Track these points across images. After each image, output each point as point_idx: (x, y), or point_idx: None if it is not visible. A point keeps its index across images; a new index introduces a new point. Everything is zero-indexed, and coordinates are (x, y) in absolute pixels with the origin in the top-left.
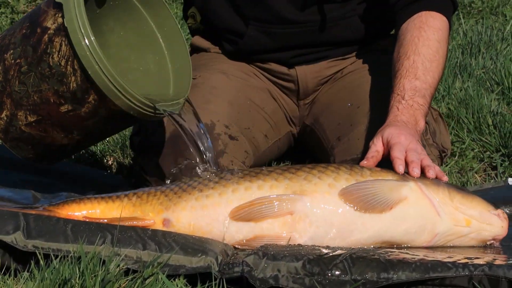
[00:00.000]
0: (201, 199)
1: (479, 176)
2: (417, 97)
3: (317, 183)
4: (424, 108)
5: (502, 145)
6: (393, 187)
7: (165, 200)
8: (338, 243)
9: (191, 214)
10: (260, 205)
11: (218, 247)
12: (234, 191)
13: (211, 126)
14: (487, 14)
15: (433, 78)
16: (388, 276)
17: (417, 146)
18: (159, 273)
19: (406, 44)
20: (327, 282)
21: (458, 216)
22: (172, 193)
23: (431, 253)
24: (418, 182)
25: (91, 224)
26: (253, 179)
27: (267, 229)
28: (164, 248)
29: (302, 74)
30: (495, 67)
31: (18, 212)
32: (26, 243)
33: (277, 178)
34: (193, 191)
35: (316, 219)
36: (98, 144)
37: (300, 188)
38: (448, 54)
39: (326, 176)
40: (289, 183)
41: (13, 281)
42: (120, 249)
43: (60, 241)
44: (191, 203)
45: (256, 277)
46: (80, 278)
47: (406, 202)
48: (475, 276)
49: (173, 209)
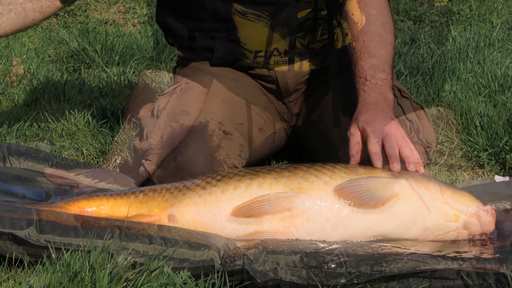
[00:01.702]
0: (204, 195)
1: (467, 174)
2: (378, 73)
3: (314, 181)
4: (387, 82)
5: (489, 145)
6: (385, 184)
7: (170, 197)
8: (334, 237)
9: (194, 210)
10: (260, 203)
11: (220, 241)
12: (236, 188)
13: (205, 124)
14: (475, 21)
15: (386, 49)
16: (381, 269)
17: (392, 128)
18: (165, 266)
19: (351, 27)
20: (323, 275)
21: (447, 211)
22: (176, 191)
23: (422, 247)
24: (409, 179)
25: (101, 220)
26: (253, 177)
27: (266, 225)
28: (169, 243)
29: (281, 76)
30: (482, 71)
31: (31, 208)
32: (38, 238)
33: (276, 177)
34: (197, 188)
35: (312, 214)
36: (107, 143)
37: (298, 186)
38: (438, 58)
39: (323, 174)
40: (288, 181)
41: (27, 273)
42: (128, 244)
43: (70, 235)
44: (195, 199)
45: (256, 269)
46: (89, 271)
47: (398, 198)
48: (464, 269)
49: (177, 206)
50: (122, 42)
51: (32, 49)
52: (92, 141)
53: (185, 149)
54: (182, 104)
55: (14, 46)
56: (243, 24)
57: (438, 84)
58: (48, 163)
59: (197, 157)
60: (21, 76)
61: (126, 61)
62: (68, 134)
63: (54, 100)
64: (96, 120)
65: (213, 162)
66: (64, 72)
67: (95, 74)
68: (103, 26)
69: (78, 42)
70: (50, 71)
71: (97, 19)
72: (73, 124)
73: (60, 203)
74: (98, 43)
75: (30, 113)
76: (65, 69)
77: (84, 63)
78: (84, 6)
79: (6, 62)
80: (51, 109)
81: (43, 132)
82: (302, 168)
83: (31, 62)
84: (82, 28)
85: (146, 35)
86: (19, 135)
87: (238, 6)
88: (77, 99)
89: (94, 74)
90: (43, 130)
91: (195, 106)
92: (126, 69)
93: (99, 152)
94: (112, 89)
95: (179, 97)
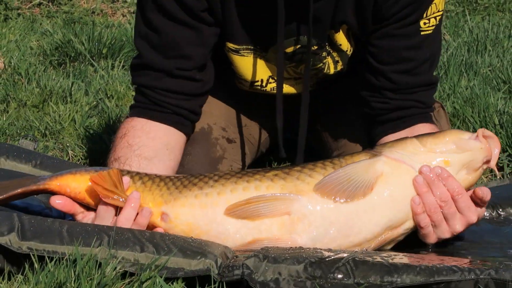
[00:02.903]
0: (200, 196)
1: (485, 177)
2: None
3: (310, 182)
4: None
5: (509, 145)
6: (367, 167)
7: (166, 193)
8: (340, 242)
9: (189, 212)
10: (257, 203)
11: (217, 249)
12: (233, 191)
13: (208, 131)
14: (494, 10)
15: None
16: (392, 280)
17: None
18: (157, 276)
19: None
20: (329, 286)
21: (435, 159)
22: (174, 187)
23: (437, 255)
24: (385, 151)
25: (88, 225)
26: (250, 179)
27: (265, 231)
28: (162, 251)
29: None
30: (502, 65)
31: (12, 213)
32: (20, 245)
33: (273, 179)
34: (193, 188)
35: (314, 218)
36: (94, 143)
37: (296, 188)
38: (454, 51)
39: (316, 173)
40: (284, 183)
41: (7, 284)
42: (117, 251)
43: (55, 242)
44: (191, 200)
45: (256, 280)
46: (75, 282)
47: (384, 176)
48: (481, 280)
49: (172, 204)
50: (110, 33)
51: (13, 41)
52: (77, 141)
53: (187, 160)
54: None
55: None
56: (237, 60)
57: (454, 79)
58: (32, 163)
59: (199, 170)
60: (1, 70)
61: (115, 54)
62: (52, 133)
63: (36, 96)
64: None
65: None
66: (48, 66)
67: (81, 68)
68: (89, 16)
69: (63, 34)
70: (32, 65)
71: (83, 8)
72: (58, 122)
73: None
74: (84, 34)
75: (10, 111)
76: (49, 63)
77: (69, 56)
78: None
79: None
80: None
81: (25, 131)
82: (296, 169)
83: (12, 55)
84: (67, 18)
85: None
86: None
87: (231, 45)
88: (60, 94)
89: (80, 68)
90: (25, 129)
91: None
92: (115, 63)
93: (86, 153)
94: (102, 84)
95: None
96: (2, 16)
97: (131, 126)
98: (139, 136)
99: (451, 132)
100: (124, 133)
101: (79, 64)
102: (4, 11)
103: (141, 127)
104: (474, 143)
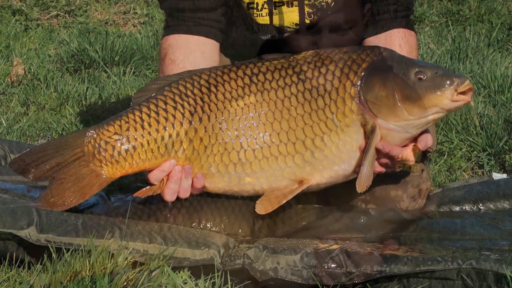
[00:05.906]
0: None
1: (466, 174)
2: None
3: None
4: None
5: (488, 145)
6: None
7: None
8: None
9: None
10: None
11: (220, 240)
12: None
13: None
14: (474, 21)
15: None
16: (381, 269)
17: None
18: (165, 266)
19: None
20: (323, 274)
21: (425, 122)
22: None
23: (423, 247)
24: (377, 121)
25: (101, 218)
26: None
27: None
28: (169, 242)
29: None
30: (482, 71)
31: (31, 207)
32: (39, 237)
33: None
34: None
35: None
36: None
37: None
38: (438, 59)
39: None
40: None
41: (27, 273)
42: (128, 243)
43: (71, 235)
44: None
45: (256, 269)
46: (90, 270)
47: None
48: (463, 270)
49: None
50: (122, 42)
51: (32, 49)
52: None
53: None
54: None
55: (15, 46)
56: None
57: None
58: None
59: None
60: (22, 76)
61: (126, 61)
62: (68, 134)
63: (54, 100)
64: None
65: None
66: (65, 72)
67: (95, 74)
68: (103, 27)
69: (78, 43)
70: (50, 71)
71: (97, 19)
72: (74, 124)
73: None
74: (98, 43)
75: (31, 113)
76: (66, 69)
77: (84, 63)
78: (84, 6)
79: (7, 62)
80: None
81: (44, 132)
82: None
83: (32, 62)
84: (82, 28)
85: (146, 36)
86: (19, 135)
87: None
88: (76, 98)
89: (94, 74)
90: (44, 130)
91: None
92: (127, 70)
93: None
94: (114, 89)
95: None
96: (22, 27)
97: (167, 44)
98: (178, 50)
99: (434, 96)
100: (164, 53)
101: (93, 71)
102: (25, 22)
103: (176, 43)
104: (442, 80)
